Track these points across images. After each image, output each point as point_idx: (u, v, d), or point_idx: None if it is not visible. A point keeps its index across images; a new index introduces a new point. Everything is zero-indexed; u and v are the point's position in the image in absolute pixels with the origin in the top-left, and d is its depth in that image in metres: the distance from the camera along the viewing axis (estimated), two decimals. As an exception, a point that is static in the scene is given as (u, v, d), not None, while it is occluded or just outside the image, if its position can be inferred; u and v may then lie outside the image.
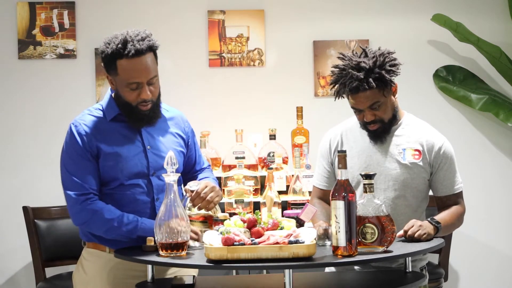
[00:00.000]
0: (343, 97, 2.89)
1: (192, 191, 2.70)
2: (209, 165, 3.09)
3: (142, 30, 2.73)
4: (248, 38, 4.74)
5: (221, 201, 3.73)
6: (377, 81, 2.79)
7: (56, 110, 4.65)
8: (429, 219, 2.76)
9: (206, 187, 2.71)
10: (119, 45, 2.65)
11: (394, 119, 2.90)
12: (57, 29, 4.66)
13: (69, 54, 4.67)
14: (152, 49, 2.74)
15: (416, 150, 2.89)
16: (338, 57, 2.92)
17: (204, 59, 4.75)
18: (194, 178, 2.96)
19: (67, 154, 2.72)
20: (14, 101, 4.67)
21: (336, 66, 2.89)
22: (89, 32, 4.67)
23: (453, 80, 4.82)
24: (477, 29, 4.70)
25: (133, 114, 2.71)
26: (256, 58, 4.75)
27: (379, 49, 2.87)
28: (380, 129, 2.88)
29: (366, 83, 2.76)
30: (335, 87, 2.88)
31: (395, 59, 2.85)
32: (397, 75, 2.85)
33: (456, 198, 2.94)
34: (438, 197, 2.95)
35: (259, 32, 4.74)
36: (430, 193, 3.00)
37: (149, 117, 2.73)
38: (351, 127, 3.00)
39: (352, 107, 2.87)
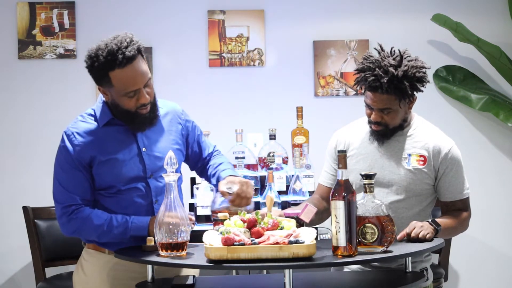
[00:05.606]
0: (361, 88, 2.88)
1: (230, 193, 2.67)
2: (215, 147, 3.00)
3: (122, 35, 2.59)
4: (248, 38, 4.74)
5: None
6: (398, 91, 2.78)
7: (56, 110, 4.65)
8: (429, 220, 2.75)
9: (242, 185, 2.67)
10: (108, 57, 2.54)
11: (399, 128, 2.89)
12: (57, 29, 4.66)
13: (69, 54, 4.67)
14: (140, 51, 2.61)
15: (421, 156, 2.88)
16: (375, 48, 2.91)
17: (204, 59, 4.75)
18: (205, 165, 2.92)
19: (59, 164, 2.69)
20: (14, 101, 4.67)
21: (367, 57, 2.86)
22: (89, 32, 4.67)
23: (453, 80, 4.82)
24: (477, 29, 4.70)
25: (135, 120, 2.66)
26: (256, 58, 4.75)
27: (415, 60, 2.83)
28: (382, 131, 2.88)
29: (386, 88, 2.76)
30: (358, 75, 2.86)
31: (425, 76, 2.83)
32: (421, 91, 2.84)
33: (461, 204, 2.94)
34: (444, 202, 2.94)
35: (259, 32, 4.74)
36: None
37: (150, 118, 2.68)
38: (358, 129, 3.00)
39: (365, 101, 2.87)
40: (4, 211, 4.63)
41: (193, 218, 2.67)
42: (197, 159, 2.93)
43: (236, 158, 3.96)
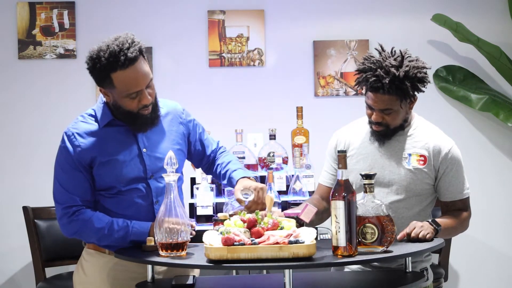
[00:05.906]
0: (362, 89, 2.88)
1: (245, 201, 2.67)
2: (219, 143, 2.99)
3: (123, 36, 2.57)
4: (248, 38, 4.74)
5: (220, 201, 3.77)
6: (399, 91, 2.77)
7: (56, 110, 4.65)
8: (429, 220, 2.75)
9: (258, 192, 2.67)
10: (110, 58, 2.52)
11: (400, 128, 2.89)
12: (57, 29, 4.67)
13: (69, 54, 4.67)
14: (142, 52, 2.60)
15: (421, 155, 2.88)
16: (376, 48, 2.91)
17: (204, 59, 4.75)
18: (212, 164, 2.92)
19: (59, 164, 2.68)
20: (14, 101, 4.67)
21: (368, 58, 2.85)
22: (89, 32, 4.67)
23: (453, 80, 4.82)
24: (477, 29, 4.71)
25: (137, 120, 2.64)
26: (256, 58, 4.75)
27: (416, 60, 2.83)
28: (382, 132, 2.88)
29: (388, 88, 2.76)
30: (359, 75, 2.86)
31: (426, 76, 2.83)
32: (422, 91, 2.83)
33: (461, 204, 2.93)
34: (444, 202, 2.94)
35: (259, 32, 4.74)
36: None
37: (152, 118, 2.67)
38: (359, 129, 2.99)
39: (366, 102, 2.87)
40: (4, 211, 4.63)
41: (195, 224, 2.67)
42: (201, 157, 2.92)
43: (236, 158, 3.96)
